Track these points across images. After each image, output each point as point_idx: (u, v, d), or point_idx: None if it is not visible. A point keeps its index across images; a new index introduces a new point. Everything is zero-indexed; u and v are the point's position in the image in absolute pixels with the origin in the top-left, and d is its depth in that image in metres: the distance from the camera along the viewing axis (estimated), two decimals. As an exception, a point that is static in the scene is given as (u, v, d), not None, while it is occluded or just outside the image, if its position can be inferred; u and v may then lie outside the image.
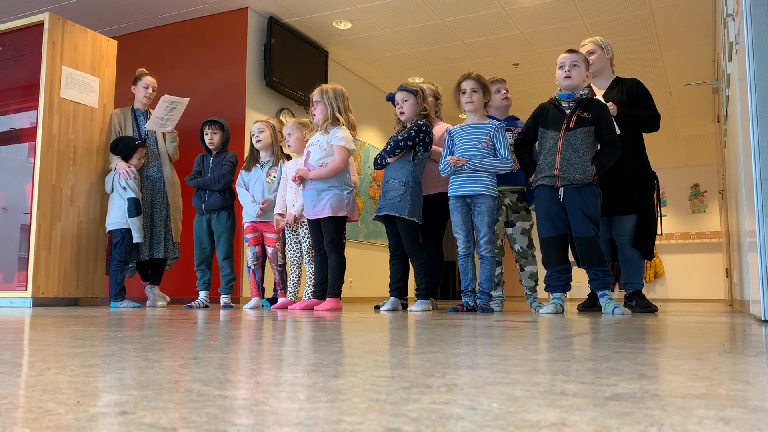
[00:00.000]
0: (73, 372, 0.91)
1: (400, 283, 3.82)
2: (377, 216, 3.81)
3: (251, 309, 4.08)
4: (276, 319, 2.61)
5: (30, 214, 4.45)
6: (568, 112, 3.29)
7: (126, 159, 4.59)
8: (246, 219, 4.47)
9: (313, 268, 4.09)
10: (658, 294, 11.79)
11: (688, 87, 7.62)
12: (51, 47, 4.59)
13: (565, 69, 3.30)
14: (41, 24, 4.63)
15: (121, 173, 4.51)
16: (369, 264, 7.50)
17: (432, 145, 3.80)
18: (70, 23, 4.76)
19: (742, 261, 3.60)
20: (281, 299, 4.31)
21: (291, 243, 4.26)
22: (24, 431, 0.54)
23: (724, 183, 5.76)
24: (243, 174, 4.53)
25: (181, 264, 5.10)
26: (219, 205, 4.46)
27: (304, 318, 2.71)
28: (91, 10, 6.03)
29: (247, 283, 5.16)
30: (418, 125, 3.73)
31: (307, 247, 4.16)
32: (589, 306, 3.80)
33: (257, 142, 4.44)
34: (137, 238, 4.46)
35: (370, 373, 0.91)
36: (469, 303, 3.51)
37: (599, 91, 3.82)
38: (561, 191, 3.24)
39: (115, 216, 4.50)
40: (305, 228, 4.15)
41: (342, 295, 3.89)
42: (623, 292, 3.83)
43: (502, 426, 0.56)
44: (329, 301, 3.78)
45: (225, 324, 2.27)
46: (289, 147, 4.31)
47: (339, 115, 3.87)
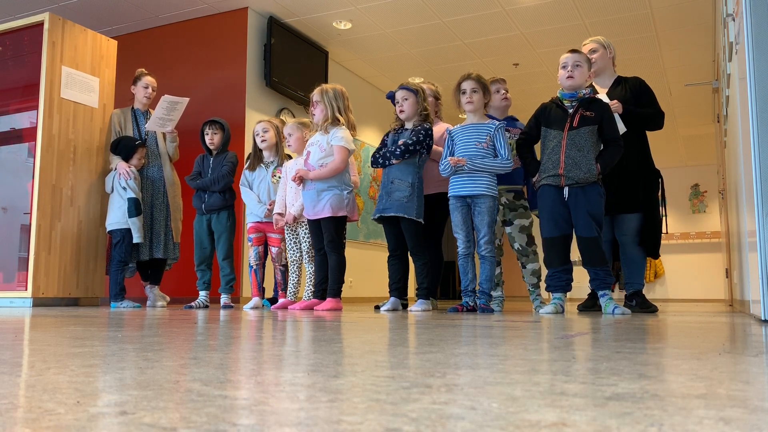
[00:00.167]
0: (73, 372, 0.91)
1: (400, 284, 3.82)
2: (381, 216, 3.77)
3: (251, 309, 4.08)
4: (276, 319, 2.61)
5: (30, 214, 4.45)
6: (570, 111, 3.29)
7: (126, 159, 4.59)
8: (250, 219, 4.47)
9: (313, 268, 4.09)
10: (658, 294, 11.79)
11: (688, 87, 7.62)
12: (51, 47, 4.59)
13: (568, 69, 3.30)
14: (41, 24, 4.63)
15: (122, 173, 4.51)
16: (369, 264, 7.50)
17: (432, 147, 3.80)
18: (70, 23, 4.76)
19: (742, 261, 3.60)
20: (281, 299, 4.31)
21: (291, 243, 4.26)
22: (24, 431, 0.54)
23: (724, 183, 5.76)
24: (246, 173, 4.53)
25: (181, 264, 5.10)
26: (219, 205, 4.46)
27: (304, 318, 2.71)
28: (91, 10, 6.03)
29: (248, 283, 5.17)
30: (425, 129, 3.74)
31: (307, 247, 4.16)
32: (589, 306, 3.80)
33: (262, 141, 4.44)
34: (137, 238, 4.46)
35: (370, 373, 0.91)
36: (469, 303, 3.51)
37: (602, 90, 3.81)
38: (566, 190, 3.24)
39: (116, 216, 4.50)
40: (305, 228, 4.15)
41: (342, 295, 3.89)
42: (623, 292, 3.83)
43: (502, 426, 0.56)
44: (329, 301, 3.78)
45: (225, 324, 2.27)
46: (289, 147, 4.31)
47: (339, 115, 3.86)
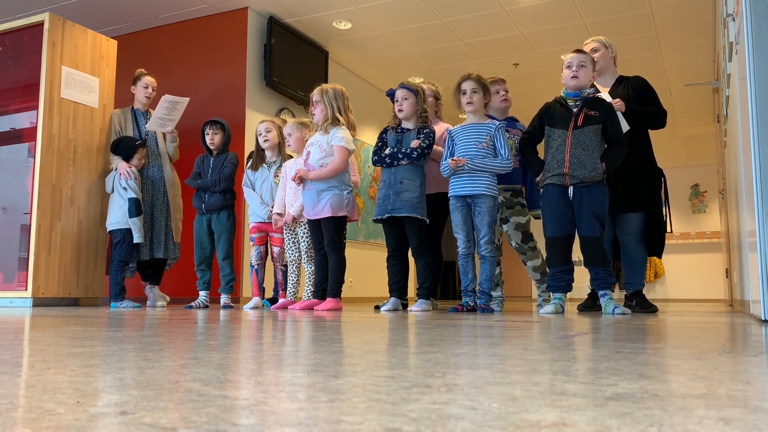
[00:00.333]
0: (73, 372, 0.91)
1: (400, 284, 3.82)
2: (391, 216, 3.72)
3: (251, 309, 4.08)
4: (276, 319, 2.61)
5: (30, 214, 4.45)
6: (575, 110, 3.29)
7: (126, 159, 4.59)
8: (252, 219, 4.47)
9: (312, 268, 4.09)
10: (658, 294, 11.79)
11: (688, 87, 7.62)
12: (51, 47, 4.58)
13: (573, 69, 3.30)
14: (41, 24, 4.63)
15: (122, 173, 4.51)
16: (369, 264, 7.50)
17: (432, 147, 3.81)
18: (70, 23, 4.76)
19: (742, 261, 3.60)
20: (281, 299, 4.31)
21: (289, 243, 4.26)
22: (24, 431, 0.54)
23: (724, 183, 5.76)
24: (249, 173, 4.53)
25: (181, 264, 5.10)
26: (219, 205, 4.46)
27: (304, 318, 2.71)
28: (91, 10, 6.03)
29: (248, 283, 5.17)
30: (432, 131, 3.77)
31: (306, 247, 4.17)
32: (589, 306, 3.80)
33: (264, 141, 4.44)
34: (138, 238, 4.46)
35: (370, 373, 0.91)
36: (469, 303, 3.51)
37: (603, 89, 3.81)
38: (571, 189, 3.24)
39: (116, 216, 4.50)
40: (303, 228, 4.15)
41: (342, 295, 3.89)
42: (623, 291, 3.82)
43: (502, 426, 0.56)
44: (329, 301, 3.78)
45: (225, 324, 2.27)
46: (289, 147, 4.31)
47: (339, 115, 3.86)
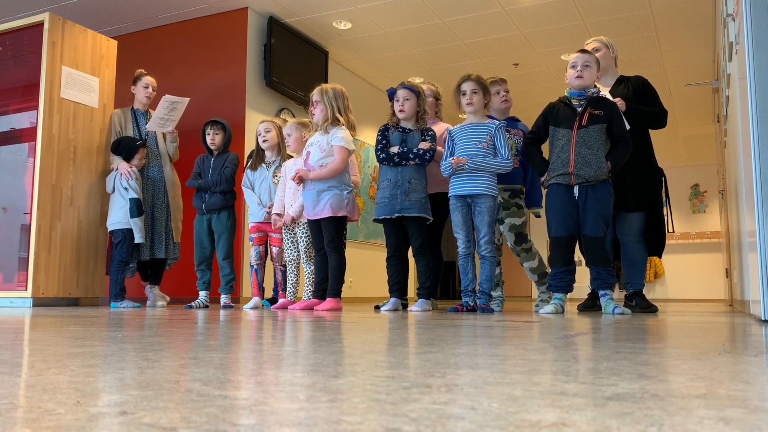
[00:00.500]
0: (73, 372, 0.91)
1: (400, 284, 3.82)
2: (399, 216, 3.68)
3: (251, 309, 4.08)
4: (276, 319, 2.61)
5: (30, 214, 4.45)
6: (579, 110, 3.29)
7: (127, 159, 4.59)
8: (251, 219, 4.48)
9: (311, 267, 4.10)
10: (658, 294, 11.79)
11: (688, 87, 7.62)
12: (51, 47, 4.58)
13: (577, 69, 3.30)
14: (41, 24, 4.62)
15: (123, 174, 4.51)
16: (369, 264, 7.50)
17: None
18: (70, 23, 4.76)
19: (742, 261, 3.60)
20: (281, 299, 4.31)
21: (288, 243, 4.26)
22: (24, 431, 0.54)
23: (724, 183, 5.76)
24: (248, 173, 4.54)
25: (181, 264, 5.10)
26: (219, 205, 4.47)
27: (304, 318, 2.71)
28: (91, 10, 6.03)
29: (248, 283, 5.17)
30: (434, 133, 3.79)
31: (304, 247, 4.17)
32: (589, 306, 3.80)
33: (263, 141, 4.45)
34: (139, 238, 4.46)
35: (370, 373, 0.91)
36: (469, 303, 3.51)
37: (604, 89, 3.81)
38: (576, 189, 3.24)
39: (117, 216, 4.50)
40: (302, 228, 4.16)
41: (342, 295, 3.89)
42: (623, 291, 3.82)
43: (502, 426, 0.56)
44: (329, 301, 3.78)
45: (225, 324, 2.27)
46: (289, 147, 4.32)
47: (339, 115, 3.86)
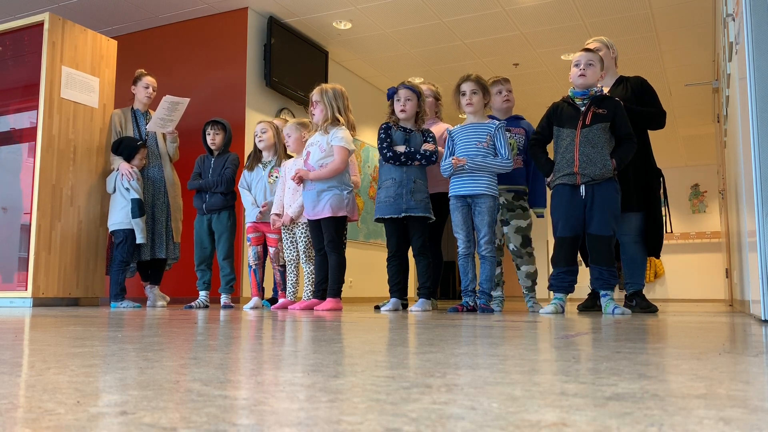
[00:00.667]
0: (73, 372, 0.91)
1: (400, 284, 3.82)
2: (405, 215, 3.69)
3: (251, 309, 4.08)
4: (276, 319, 2.61)
5: (30, 214, 4.45)
6: (582, 109, 3.28)
7: (128, 160, 4.59)
8: (248, 219, 4.49)
9: (311, 267, 4.10)
10: (658, 294, 11.79)
11: (688, 87, 7.62)
12: (51, 47, 4.58)
13: (581, 67, 3.29)
14: (41, 24, 4.62)
15: (124, 174, 4.51)
16: (369, 264, 7.50)
17: None
18: (70, 23, 4.76)
19: (742, 261, 3.60)
20: (281, 299, 4.31)
21: (287, 243, 4.26)
22: (24, 431, 0.54)
23: (724, 183, 5.76)
24: (246, 174, 4.54)
25: (181, 264, 5.10)
26: (220, 205, 4.47)
27: (304, 318, 2.71)
28: (91, 10, 6.03)
29: (248, 283, 5.17)
30: (433, 134, 3.82)
31: (304, 247, 4.17)
32: (589, 306, 3.80)
33: (260, 142, 4.46)
34: (140, 238, 4.47)
35: (370, 373, 0.91)
36: (469, 303, 3.51)
37: (604, 89, 3.81)
38: (582, 188, 3.23)
39: (118, 216, 4.50)
40: (301, 228, 4.16)
41: (342, 295, 3.89)
42: (623, 292, 3.82)
43: (502, 426, 0.56)
44: (329, 301, 3.78)
45: (225, 324, 2.27)
46: (289, 147, 4.32)
47: (339, 115, 3.86)
